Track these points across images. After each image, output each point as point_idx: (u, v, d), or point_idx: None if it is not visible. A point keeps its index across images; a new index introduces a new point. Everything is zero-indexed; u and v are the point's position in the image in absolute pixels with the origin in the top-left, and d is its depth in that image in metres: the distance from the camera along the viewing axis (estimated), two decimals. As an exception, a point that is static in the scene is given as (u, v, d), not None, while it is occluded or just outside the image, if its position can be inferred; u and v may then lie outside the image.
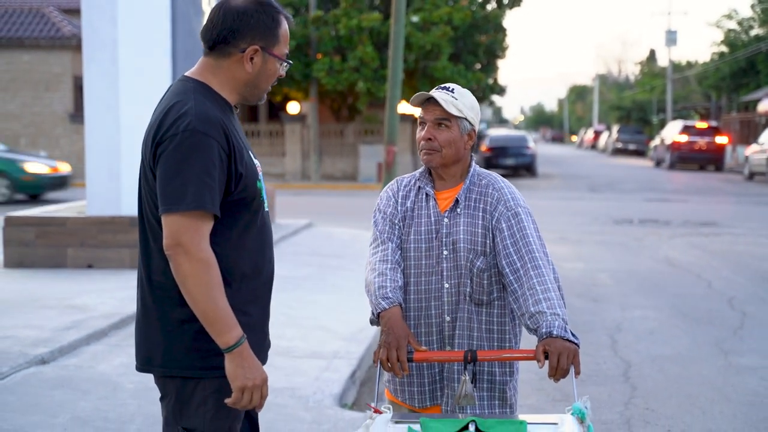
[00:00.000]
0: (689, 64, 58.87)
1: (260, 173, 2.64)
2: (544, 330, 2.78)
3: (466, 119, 2.98)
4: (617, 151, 51.58)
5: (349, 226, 14.01)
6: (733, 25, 41.57)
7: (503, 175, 3.86)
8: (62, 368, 5.34)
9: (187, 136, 2.35)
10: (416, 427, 2.49)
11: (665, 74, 52.96)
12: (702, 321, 7.69)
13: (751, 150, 28.29)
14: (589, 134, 68.03)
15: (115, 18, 9.04)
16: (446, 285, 2.98)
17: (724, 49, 42.08)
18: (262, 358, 2.63)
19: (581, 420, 2.58)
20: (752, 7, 40.19)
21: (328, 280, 9.21)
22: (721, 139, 33.77)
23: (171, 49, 9.97)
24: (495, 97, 32.81)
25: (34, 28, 27.68)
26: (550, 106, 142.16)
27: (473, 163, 3.09)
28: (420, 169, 3.12)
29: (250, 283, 2.54)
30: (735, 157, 36.49)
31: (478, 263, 2.95)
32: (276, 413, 4.87)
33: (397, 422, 2.60)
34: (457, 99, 2.96)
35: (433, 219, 3.01)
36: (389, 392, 3.12)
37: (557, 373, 2.72)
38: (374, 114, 27.19)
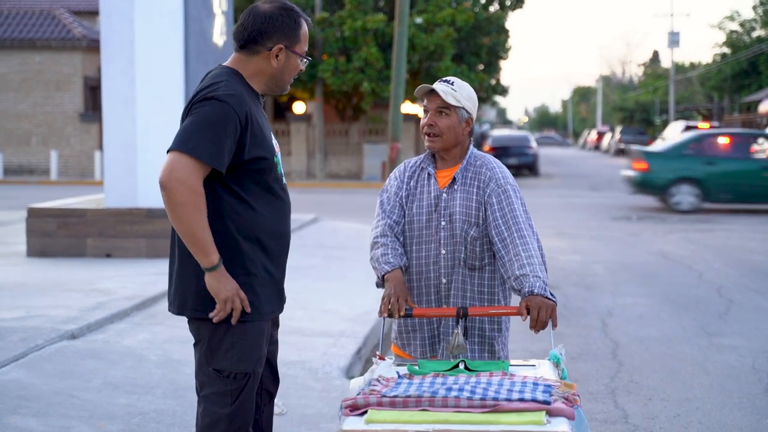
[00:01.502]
0: (693, 65, 59.22)
1: (278, 152, 3.08)
2: (526, 289, 3.20)
3: (463, 108, 3.42)
4: (620, 152, 51.97)
5: (354, 221, 14.44)
6: (735, 26, 41.93)
7: None
8: (91, 342, 5.79)
9: (212, 103, 2.84)
10: (415, 366, 2.91)
11: (668, 75, 53.34)
12: (690, 307, 8.11)
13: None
14: (593, 135, 68.39)
15: (132, 20, 9.49)
16: (443, 251, 3.42)
17: (726, 50, 42.44)
18: (280, 308, 3.09)
19: (556, 364, 3.01)
20: (754, 8, 40.53)
21: (333, 269, 9.65)
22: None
23: (184, 49, 10.43)
24: (499, 98, 33.24)
25: (46, 29, 28.17)
26: (555, 107, 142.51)
27: (471, 146, 3.53)
28: (424, 153, 3.57)
29: (268, 242, 2.98)
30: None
31: (472, 232, 3.39)
32: (289, 383, 5.30)
33: (398, 365, 3.03)
34: (456, 90, 3.40)
35: (433, 195, 3.45)
36: (396, 347, 3.56)
37: (537, 325, 3.15)
38: (379, 114, 27.63)
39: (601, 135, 64.65)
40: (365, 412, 2.45)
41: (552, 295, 3.22)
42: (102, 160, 25.70)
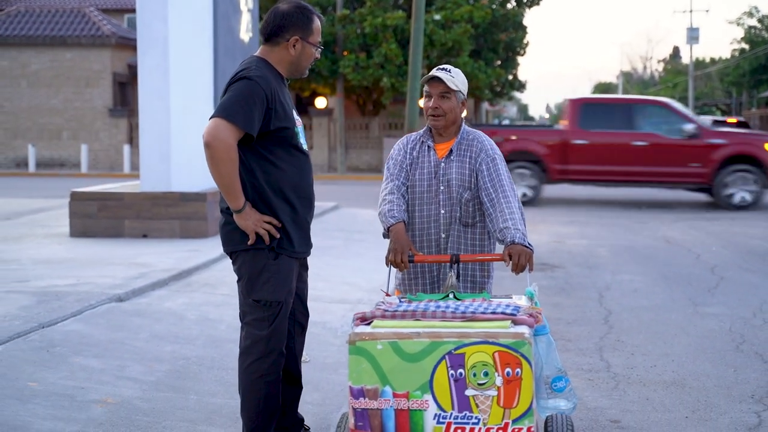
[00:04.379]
0: (713, 61, 59.46)
1: (299, 125, 3.80)
2: (508, 239, 3.88)
3: (460, 92, 4.12)
4: (639, 147, 52.33)
5: (372, 209, 15.13)
6: (753, 22, 42.25)
7: None
8: (136, 305, 6.52)
9: (244, 81, 3.59)
10: (414, 296, 3.61)
11: (688, 71, 53.66)
12: (682, 282, 8.74)
13: None
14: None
15: (166, 17, 10.21)
16: (442, 211, 4.11)
17: (744, 46, 42.77)
18: (307, 250, 3.87)
19: (530, 298, 3.68)
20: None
21: (352, 249, 10.36)
22: None
23: (213, 44, 11.19)
24: (520, 95, 33.84)
25: (76, 27, 29.07)
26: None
27: (464, 124, 4.21)
28: (423, 129, 4.25)
29: (291, 194, 3.72)
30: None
31: (466, 195, 4.07)
32: (312, 339, 5.97)
33: (401, 299, 3.72)
34: (454, 77, 4.09)
35: (432, 164, 4.14)
36: (399, 292, 4.24)
37: (517, 268, 3.83)
38: (398, 109, 28.33)
39: (621, 131, 64.95)
40: (371, 322, 3.14)
41: (530, 244, 3.90)
42: (131, 153, 26.60)
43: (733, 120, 35.30)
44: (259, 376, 3.70)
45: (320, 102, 30.45)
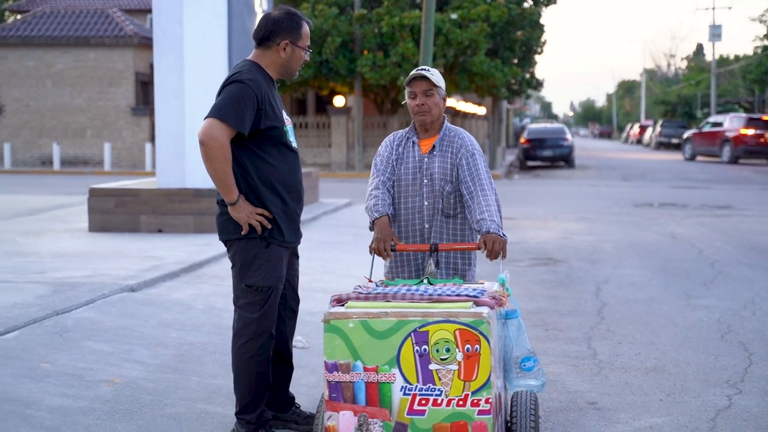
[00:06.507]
0: (737, 58, 59.16)
1: (288, 125, 4.10)
2: (484, 229, 4.16)
3: (441, 88, 4.39)
4: (660, 145, 52.29)
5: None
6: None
7: (541, 168, 4.98)
8: (147, 294, 6.85)
9: (236, 84, 3.89)
10: (391, 282, 3.89)
11: (711, 68, 53.44)
12: (680, 276, 8.95)
13: None
14: (635, 129, 68.60)
15: (181, 20, 10.56)
16: (426, 203, 4.39)
17: (767, 43, 42.58)
18: (297, 240, 4.16)
19: (502, 284, 3.95)
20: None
21: (361, 244, 10.63)
22: None
23: (227, 45, 11.51)
24: (543, 92, 33.90)
25: (99, 27, 29.59)
26: (601, 101, 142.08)
27: (446, 121, 4.49)
28: (408, 127, 4.53)
29: (281, 189, 4.01)
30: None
31: (447, 188, 4.35)
32: (312, 327, 6.28)
33: (377, 283, 4.00)
34: (434, 75, 4.37)
35: (417, 158, 4.42)
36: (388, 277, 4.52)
37: (491, 255, 4.10)
38: (416, 107, 28.49)
39: (643, 129, 64.85)
40: (346, 303, 3.44)
41: (504, 234, 4.17)
42: (153, 151, 27.04)
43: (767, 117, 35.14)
44: (251, 356, 4.00)
45: (338, 101, 30.78)
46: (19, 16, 36.88)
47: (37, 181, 23.11)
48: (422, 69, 4.42)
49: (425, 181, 4.38)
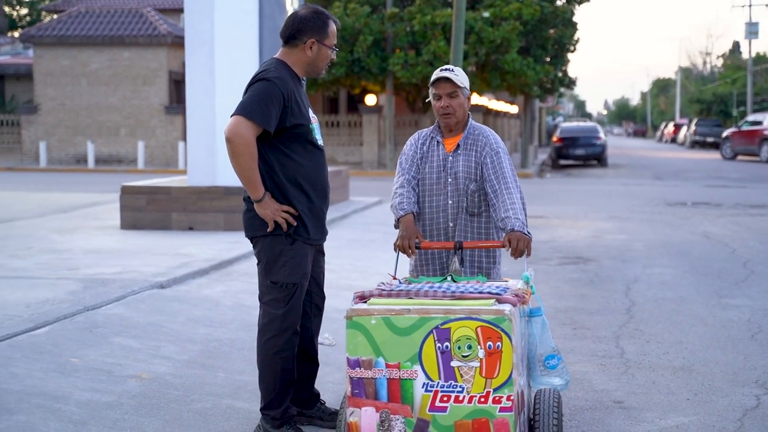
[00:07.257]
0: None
1: (314, 122, 4.11)
2: (509, 227, 4.16)
3: (465, 88, 4.39)
4: (695, 144, 51.75)
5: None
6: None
7: (573, 167, 4.97)
8: (176, 291, 6.92)
9: (263, 82, 3.92)
10: (415, 279, 3.90)
11: (747, 66, 52.79)
12: (711, 276, 8.86)
13: None
14: (670, 128, 67.94)
15: (213, 19, 10.64)
16: (450, 202, 4.39)
17: (803, 40, 41.86)
18: (322, 238, 4.19)
19: (526, 282, 3.95)
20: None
21: (389, 243, 10.56)
22: None
23: (258, 44, 11.57)
24: (576, 90, 33.74)
25: (134, 27, 29.89)
26: (636, 99, 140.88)
27: (470, 119, 4.49)
28: (433, 126, 4.54)
29: (307, 186, 4.03)
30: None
31: (472, 186, 4.35)
32: (339, 324, 6.27)
33: (401, 281, 4.02)
34: (458, 76, 4.37)
35: (441, 157, 4.42)
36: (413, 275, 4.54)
37: (516, 253, 4.09)
38: (447, 105, 28.45)
39: (678, 127, 64.22)
40: (369, 300, 3.45)
41: (528, 232, 4.16)
42: (185, 150, 27.26)
43: None
44: (275, 352, 4.03)
45: (370, 99, 30.82)
46: (54, 16, 37.34)
47: (72, 179, 23.41)
48: (445, 69, 4.41)
49: (449, 179, 4.38)
